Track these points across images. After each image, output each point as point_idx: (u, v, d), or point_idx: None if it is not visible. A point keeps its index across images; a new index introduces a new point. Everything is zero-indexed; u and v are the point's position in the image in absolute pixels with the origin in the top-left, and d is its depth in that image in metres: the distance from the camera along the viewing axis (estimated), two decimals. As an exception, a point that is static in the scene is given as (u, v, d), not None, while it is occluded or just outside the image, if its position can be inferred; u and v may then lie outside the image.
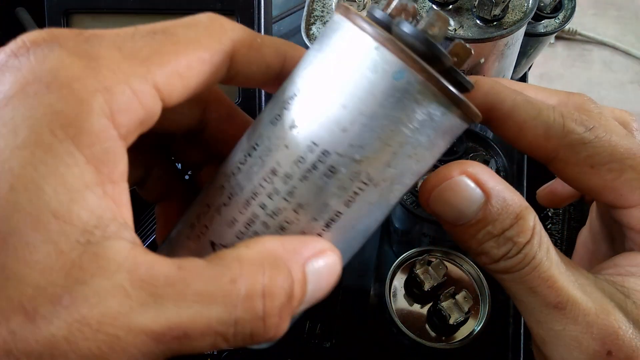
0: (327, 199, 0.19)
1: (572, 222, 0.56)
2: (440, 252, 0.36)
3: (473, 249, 0.22)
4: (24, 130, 0.15)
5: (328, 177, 0.19)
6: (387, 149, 0.19)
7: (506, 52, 0.40)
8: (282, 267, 0.18)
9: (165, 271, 0.16)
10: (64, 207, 0.15)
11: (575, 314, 0.21)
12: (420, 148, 0.19)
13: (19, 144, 0.15)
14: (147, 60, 0.17)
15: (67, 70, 0.16)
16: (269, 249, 0.18)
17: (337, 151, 0.19)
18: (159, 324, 0.15)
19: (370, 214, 0.20)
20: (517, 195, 0.22)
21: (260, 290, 0.17)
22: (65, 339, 0.14)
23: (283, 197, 0.20)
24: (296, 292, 0.18)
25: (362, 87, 0.18)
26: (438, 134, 0.19)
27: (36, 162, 0.15)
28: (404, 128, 0.18)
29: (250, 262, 0.17)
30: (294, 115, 0.20)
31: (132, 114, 0.17)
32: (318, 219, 0.20)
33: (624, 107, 0.30)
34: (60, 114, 0.15)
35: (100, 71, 0.16)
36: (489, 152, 0.39)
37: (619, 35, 1.14)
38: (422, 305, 0.35)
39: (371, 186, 0.19)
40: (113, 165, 0.16)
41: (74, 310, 0.14)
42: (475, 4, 0.38)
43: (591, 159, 0.23)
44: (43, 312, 0.14)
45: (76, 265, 0.15)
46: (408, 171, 0.20)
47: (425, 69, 0.18)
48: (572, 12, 0.49)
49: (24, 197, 0.15)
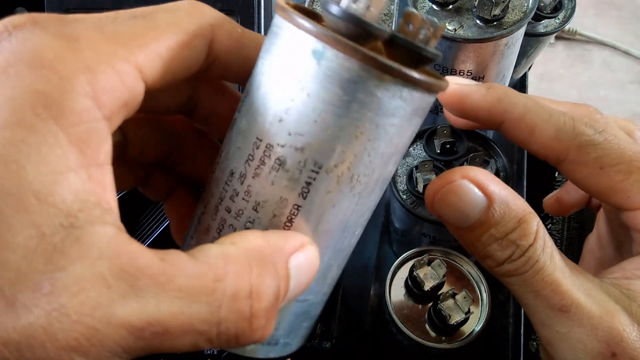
0: (281, 193, 0.19)
1: (572, 222, 0.56)
2: (440, 252, 0.36)
3: (478, 252, 0.23)
4: (5, 111, 0.15)
5: (277, 171, 0.19)
6: (327, 132, 0.18)
7: (506, 52, 0.40)
8: (270, 265, 0.18)
9: (147, 262, 0.16)
10: (46, 189, 0.15)
11: (579, 316, 0.21)
12: (367, 128, 0.18)
13: (0, 123, 0.15)
14: (129, 42, 0.17)
15: (48, 51, 0.16)
16: (255, 245, 0.18)
17: (279, 142, 0.18)
18: (138, 318, 0.15)
19: (335, 204, 0.20)
20: (521, 200, 0.22)
21: (247, 290, 0.17)
22: (43, 328, 0.14)
23: (242, 198, 0.20)
24: (282, 290, 0.18)
25: (290, 74, 0.18)
26: (383, 110, 0.18)
27: (18, 141, 0.14)
28: (338, 109, 0.18)
29: (236, 259, 0.17)
30: (242, 116, 0.20)
31: (116, 94, 0.17)
32: (278, 214, 0.20)
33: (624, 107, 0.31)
34: (42, 94, 0.15)
35: (82, 51, 0.16)
36: (489, 152, 0.39)
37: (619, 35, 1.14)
38: (422, 305, 0.35)
39: (322, 174, 0.19)
40: (97, 146, 0.16)
41: (54, 299, 0.14)
42: (475, 4, 0.38)
43: (600, 160, 0.24)
44: (23, 299, 0.14)
45: (58, 250, 0.14)
46: (362, 153, 0.19)
47: (343, 43, 0.17)
48: (572, 12, 0.49)
49: (5, 177, 0.14)
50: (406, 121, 0.19)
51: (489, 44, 0.38)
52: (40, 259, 0.14)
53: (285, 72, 0.18)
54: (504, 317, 0.44)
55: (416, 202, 0.37)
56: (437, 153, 0.39)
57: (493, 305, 0.34)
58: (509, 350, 0.43)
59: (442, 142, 0.38)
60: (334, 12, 0.17)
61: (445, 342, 0.33)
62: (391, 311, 0.34)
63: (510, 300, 0.45)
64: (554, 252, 0.22)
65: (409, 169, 0.38)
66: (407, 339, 0.33)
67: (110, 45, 0.17)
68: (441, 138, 0.38)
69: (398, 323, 0.33)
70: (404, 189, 0.38)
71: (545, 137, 0.24)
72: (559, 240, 0.55)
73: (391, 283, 0.35)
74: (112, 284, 0.15)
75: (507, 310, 0.45)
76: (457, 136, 0.39)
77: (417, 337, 0.33)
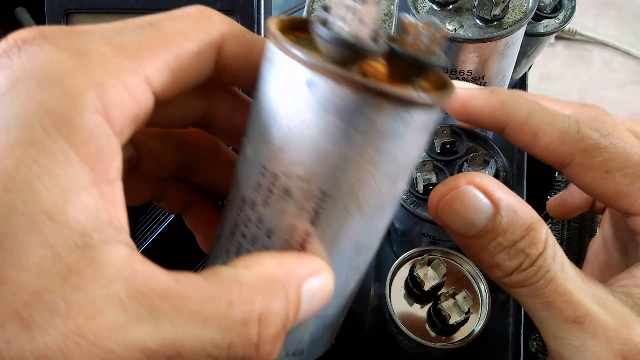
0: (291, 221, 0.19)
1: (572, 222, 0.56)
2: (440, 252, 0.36)
3: (485, 261, 0.22)
4: (16, 129, 0.15)
5: (284, 200, 0.19)
6: (328, 160, 0.18)
7: (506, 52, 0.40)
8: (280, 291, 0.18)
9: (162, 283, 0.16)
10: (59, 209, 0.15)
11: (594, 328, 0.21)
12: (366, 151, 0.17)
13: (11, 142, 0.15)
14: (137, 54, 0.17)
15: (57, 67, 0.16)
16: (267, 270, 0.18)
17: (283, 171, 0.18)
18: (153, 341, 0.15)
19: (345, 228, 0.19)
20: (528, 207, 0.22)
21: (256, 316, 0.17)
22: (60, 351, 0.14)
23: (255, 225, 0.20)
24: (290, 315, 0.18)
25: (286, 104, 0.18)
26: (379, 132, 0.17)
27: (29, 161, 0.14)
28: (334, 136, 0.17)
29: (248, 285, 0.17)
30: (248, 143, 0.20)
31: (126, 109, 0.17)
32: (290, 240, 0.19)
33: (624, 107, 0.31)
34: (53, 111, 0.15)
35: (91, 66, 0.16)
36: (489, 152, 0.39)
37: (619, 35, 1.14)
38: (422, 305, 0.35)
39: (329, 201, 0.18)
40: (108, 163, 0.16)
41: (71, 321, 0.14)
42: (475, 4, 0.38)
43: (606, 164, 0.23)
44: (39, 320, 0.14)
45: (73, 270, 0.14)
46: (366, 177, 0.18)
47: (335, 72, 0.16)
48: (572, 12, 0.49)
49: (18, 198, 0.14)
50: (410, 140, 0.18)
51: (489, 44, 0.38)
52: (56, 279, 0.14)
53: (282, 101, 0.18)
54: (504, 317, 0.44)
55: (416, 202, 0.37)
56: (437, 153, 0.39)
57: (493, 305, 0.34)
58: (509, 350, 0.43)
59: (442, 142, 0.38)
60: (324, 37, 0.17)
61: (445, 342, 0.33)
62: (391, 311, 0.34)
63: (510, 300, 0.45)
64: (564, 261, 0.22)
65: (409, 169, 0.38)
66: (407, 339, 0.33)
67: (118, 59, 0.17)
68: (441, 138, 0.38)
69: (398, 323, 0.33)
70: (404, 189, 0.38)
71: (549, 141, 0.24)
72: (559, 240, 0.55)
73: (391, 283, 0.35)
74: (127, 305, 0.15)
75: (507, 310, 0.45)
76: (457, 136, 0.39)
77: (417, 337, 0.33)
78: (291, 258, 0.19)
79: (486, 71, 0.41)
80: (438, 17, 0.40)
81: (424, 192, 0.37)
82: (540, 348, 0.48)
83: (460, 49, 0.39)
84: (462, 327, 0.33)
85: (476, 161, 0.37)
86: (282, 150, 0.18)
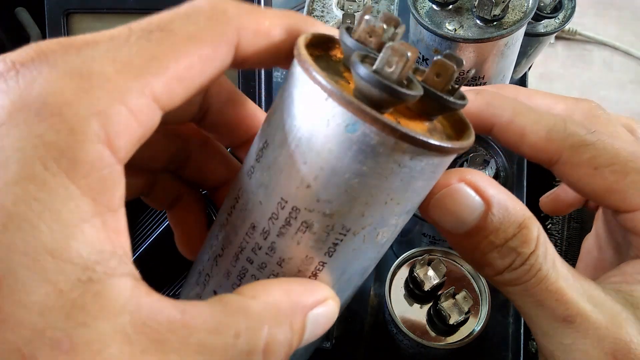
0: (307, 252, 0.19)
1: (572, 222, 0.56)
2: (440, 252, 0.36)
3: (476, 260, 0.22)
4: (14, 164, 0.14)
5: (303, 232, 0.18)
6: (357, 200, 0.18)
7: (506, 52, 0.40)
8: (284, 322, 0.18)
9: (168, 315, 0.15)
10: (61, 245, 0.14)
11: (585, 327, 0.20)
12: (397, 193, 0.18)
13: (10, 179, 0.14)
14: (144, 70, 0.16)
15: (57, 96, 0.15)
16: (275, 300, 0.18)
17: (306, 207, 0.18)
18: None
19: (359, 257, 0.20)
20: (520, 204, 0.21)
21: (261, 347, 0.17)
22: None
23: (265, 252, 0.19)
24: (293, 344, 0.18)
25: (319, 142, 0.17)
26: (413, 176, 0.18)
27: (29, 199, 0.14)
28: (370, 179, 0.17)
29: (255, 315, 0.17)
30: (263, 170, 0.19)
31: (130, 135, 0.16)
32: (303, 270, 0.19)
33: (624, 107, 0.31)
34: (52, 145, 0.14)
35: (94, 92, 0.15)
36: (489, 152, 0.39)
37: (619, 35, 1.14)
38: (422, 305, 0.35)
39: (350, 235, 0.18)
40: (111, 193, 0.16)
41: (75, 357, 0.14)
42: (475, 4, 0.38)
43: (594, 161, 0.23)
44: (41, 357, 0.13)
45: (77, 306, 0.14)
46: (390, 214, 0.19)
47: (378, 120, 0.16)
48: (572, 12, 0.49)
49: (18, 236, 0.14)
50: (433, 178, 0.19)
51: (489, 44, 0.38)
52: (59, 315, 0.14)
53: (315, 141, 0.17)
54: (504, 317, 0.44)
55: (416, 202, 0.37)
56: (437, 153, 0.39)
57: (493, 305, 0.34)
58: (509, 350, 0.43)
59: (442, 142, 0.38)
60: (370, 81, 0.16)
61: (445, 342, 0.33)
62: (391, 311, 0.34)
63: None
64: (556, 259, 0.21)
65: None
66: (407, 338, 0.33)
67: (123, 78, 0.16)
68: (441, 138, 0.38)
69: (398, 323, 0.33)
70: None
71: (536, 139, 0.24)
72: (559, 240, 0.55)
73: (391, 283, 0.35)
74: (133, 339, 0.15)
75: (507, 310, 0.45)
76: (457, 136, 0.39)
77: (417, 337, 0.33)
78: (300, 286, 0.19)
79: (486, 71, 0.41)
80: (438, 17, 0.40)
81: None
82: (540, 348, 0.48)
83: (460, 49, 0.39)
84: (462, 327, 0.33)
85: (476, 161, 0.37)
86: (309, 187, 0.18)
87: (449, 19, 0.39)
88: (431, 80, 0.18)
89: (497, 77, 0.42)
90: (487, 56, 0.39)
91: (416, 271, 0.34)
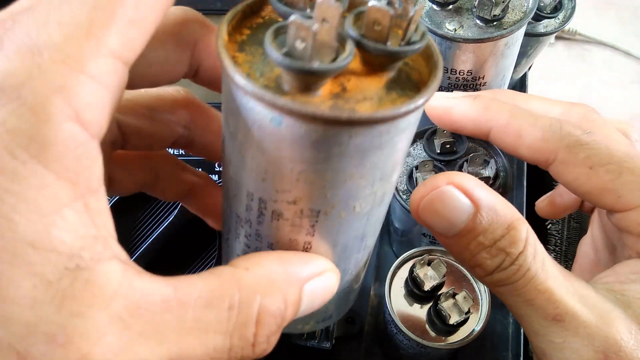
0: (289, 236, 0.19)
1: (572, 222, 0.56)
2: (440, 252, 0.36)
3: (467, 261, 0.22)
4: None
5: (277, 220, 0.18)
6: (314, 185, 0.17)
7: (506, 52, 0.40)
8: (278, 293, 0.18)
9: (161, 295, 0.15)
10: (42, 235, 0.14)
11: (575, 325, 0.21)
12: (354, 170, 0.17)
13: None
14: (93, 25, 0.15)
15: (11, 78, 0.14)
16: (268, 271, 0.18)
17: (270, 198, 0.18)
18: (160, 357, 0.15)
19: (345, 229, 0.19)
20: (509, 206, 0.22)
21: (254, 318, 0.17)
22: None
23: (255, 239, 0.20)
24: (288, 315, 0.18)
25: (256, 138, 0.16)
26: (364, 151, 0.16)
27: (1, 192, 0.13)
28: (316, 165, 0.16)
29: (248, 286, 0.17)
30: (228, 163, 0.19)
31: (99, 104, 0.15)
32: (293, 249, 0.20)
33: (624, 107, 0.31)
34: (17, 132, 0.13)
35: (49, 66, 0.14)
36: (489, 152, 0.39)
37: (619, 35, 1.14)
38: (422, 305, 0.35)
39: (322, 215, 0.18)
40: (89, 172, 0.15)
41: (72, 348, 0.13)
42: (475, 4, 0.38)
43: (589, 160, 0.23)
44: (36, 352, 0.13)
45: (68, 296, 0.14)
46: (358, 188, 0.18)
47: (301, 112, 0.15)
48: (572, 12, 0.49)
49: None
50: (392, 146, 0.17)
51: (489, 44, 0.38)
52: (50, 307, 0.13)
53: (251, 135, 0.17)
54: (504, 317, 0.44)
55: (416, 202, 0.37)
56: (437, 153, 0.39)
57: (493, 305, 0.34)
58: (509, 350, 0.43)
59: (442, 142, 0.38)
60: (284, 66, 0.15)
61: (445, 342, 0.33)
62: (391, 311, 0.34)
63: (510, 300, 0.45)
64: (545, 259, 0.22)
65: (409, 169, 0.38)
66: (407, 339, 0.33)
67: (75, 42, 0.14)
68: (441, 138, 0.38)
69: (398, 323, 0.33)
70: (404, 189, 0.38)
71: (532, 140, 0.24)
72: (558, 240, 0.55)
73: (391, 283, 0.35)
74: (130, 323, 0.14)
75: (507, 310, 0.45)
76: (457, 136, 0.39)
77: (417, 337, 0.33)
78: (295, 258, 0.19)
79: (486, 71, 0.41)
80: (438, 17, 0.40)
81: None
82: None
83: (460, 49, 0.39)
84: (462, 327, 0.33)
85: (476, 161, 0.37)
86: (264, 180, 0.17)
87: (449, 19, 0.39)
88: (371, 32, 0.17)
89: (497, 77, 0.42)
90: (487, 56, 0.39)
91: (416, 271, 0.34)
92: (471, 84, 0.42)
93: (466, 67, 0.40)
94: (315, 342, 0.39)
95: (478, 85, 0.42)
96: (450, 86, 0.42)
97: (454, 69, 0.40)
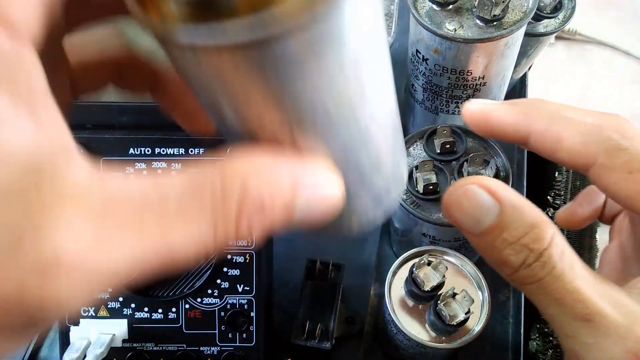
0: None
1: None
2: (440, 252, 0.36)
3: (494, 258, 0.23)
4: None
5: None
6: (283, 102, 0.16)
7: (506, 52, 0.40)
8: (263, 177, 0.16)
9: (140, 191, 0.14)
10: None
11: (605, 325, 0.21)
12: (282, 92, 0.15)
13: None
14: None
15: None
16: (254, 160, 0.16)
17: (257, 133, 0.18)
18: (142, 249, 0.14)
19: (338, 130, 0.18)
20: (536, 209, 0.22)
21: (236, 195, 0.15)
22: (37, 285, 0.12)
23: None
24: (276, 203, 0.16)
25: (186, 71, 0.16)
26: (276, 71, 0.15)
27: None
28: (252, 98, 0.16)
29: (231, 172, 0.16)
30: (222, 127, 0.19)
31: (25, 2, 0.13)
32: None
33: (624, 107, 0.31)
34: None
35: None
36: (489, 152, 0.39)
37: (619, 35, 1.14)
38: (422, 305, 0.35)
39: (300, 132, 0.17)
40: (27, 79, 0.13)
41: (41, 246, 0.12)
42: (475, 4, 0.38)
43: (629, 165, 0.24)
44: (2, 259, 0.12)
45: (32, 192, 0.12)
46: (314, 103, 0.16)
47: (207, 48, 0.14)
48: (572, 12, 0.49)
49: None
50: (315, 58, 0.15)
51: (489, 44, 0.38)
52: (11, 205, 0.12)
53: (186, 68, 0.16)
54: (504, 317, 0.44)
55: (416, 202, 0.37)
56: (437, 153, 0.39)
57: (493, 305, 0.34)
58: (509, 350, 0.43)
59: (442, 142, 0.38)
60: None
61: (445, 342, 0.33)
62: (391, 311, 0.34)
63: (510, 300, 0.45)
64: (574, 262, 0.22)
65: (409, 169, 0.38)
66: (407, 339, 0.33)
67: None
68: (441, 138, 0.38)
69: (398, 323, 0.33)
70: (404, 189, 0.38)
71: (572, 144, 0.24)
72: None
73: (391, 283, 0.35)
74: (106, 217, 0.13)
75: (507, 310, 0.45)
76: (457, 136, 0.39)
77: (417, 337, 0.33)
78: (292, 156, 0.17)
79: (486, 71, 0.41)
80: (438, 17, 0.40)
81: (424, 192, 0.37)
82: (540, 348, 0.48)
83: (460, 49, 0.39)
84: (462, 327, 0.33)
85: (476, 161, 0.37)
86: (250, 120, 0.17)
87: (449, 19, 0.39)
88: None
89: (497, 77, 0.42)
90: (487, 56, 0.39)
91: (416, 271, 0.34)
92: (471, 84, 0.42)
93: (466, 67, 0.40)
94: (315, 342, 0.39)
95: (478, 85, 0.42)
96: (450, 86, 0.42)
97: (454, 69, 0.40)
